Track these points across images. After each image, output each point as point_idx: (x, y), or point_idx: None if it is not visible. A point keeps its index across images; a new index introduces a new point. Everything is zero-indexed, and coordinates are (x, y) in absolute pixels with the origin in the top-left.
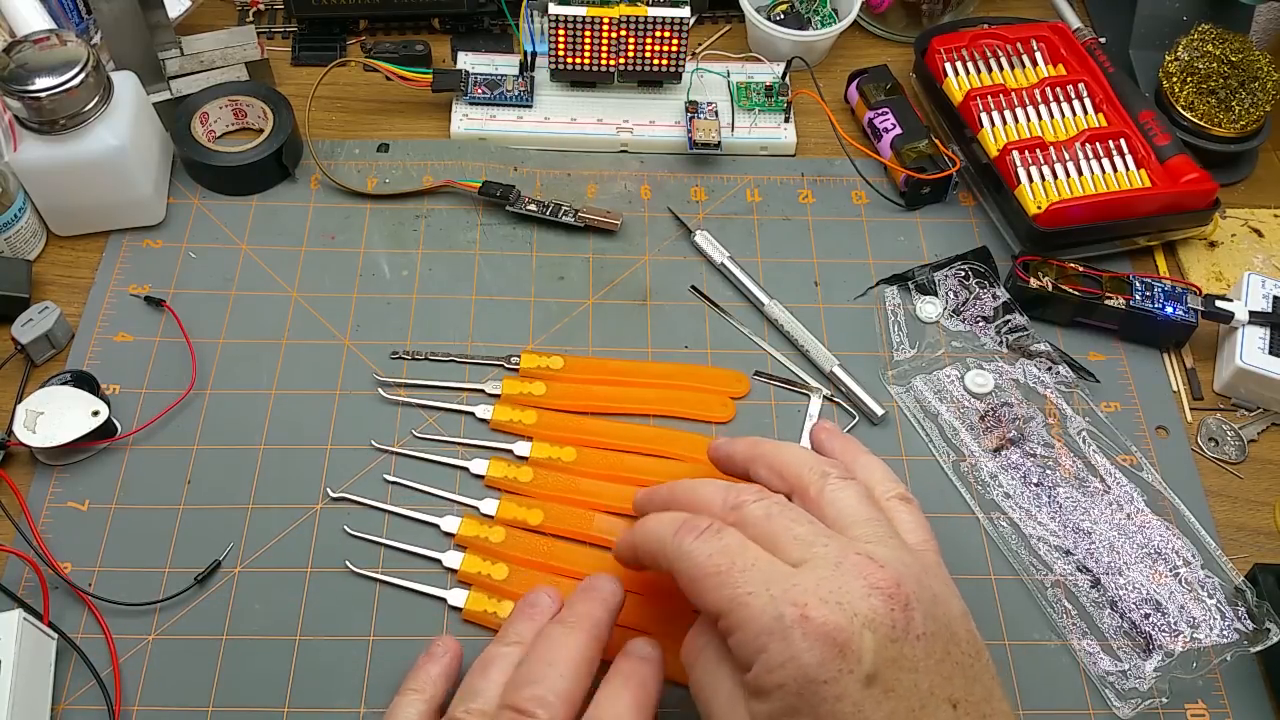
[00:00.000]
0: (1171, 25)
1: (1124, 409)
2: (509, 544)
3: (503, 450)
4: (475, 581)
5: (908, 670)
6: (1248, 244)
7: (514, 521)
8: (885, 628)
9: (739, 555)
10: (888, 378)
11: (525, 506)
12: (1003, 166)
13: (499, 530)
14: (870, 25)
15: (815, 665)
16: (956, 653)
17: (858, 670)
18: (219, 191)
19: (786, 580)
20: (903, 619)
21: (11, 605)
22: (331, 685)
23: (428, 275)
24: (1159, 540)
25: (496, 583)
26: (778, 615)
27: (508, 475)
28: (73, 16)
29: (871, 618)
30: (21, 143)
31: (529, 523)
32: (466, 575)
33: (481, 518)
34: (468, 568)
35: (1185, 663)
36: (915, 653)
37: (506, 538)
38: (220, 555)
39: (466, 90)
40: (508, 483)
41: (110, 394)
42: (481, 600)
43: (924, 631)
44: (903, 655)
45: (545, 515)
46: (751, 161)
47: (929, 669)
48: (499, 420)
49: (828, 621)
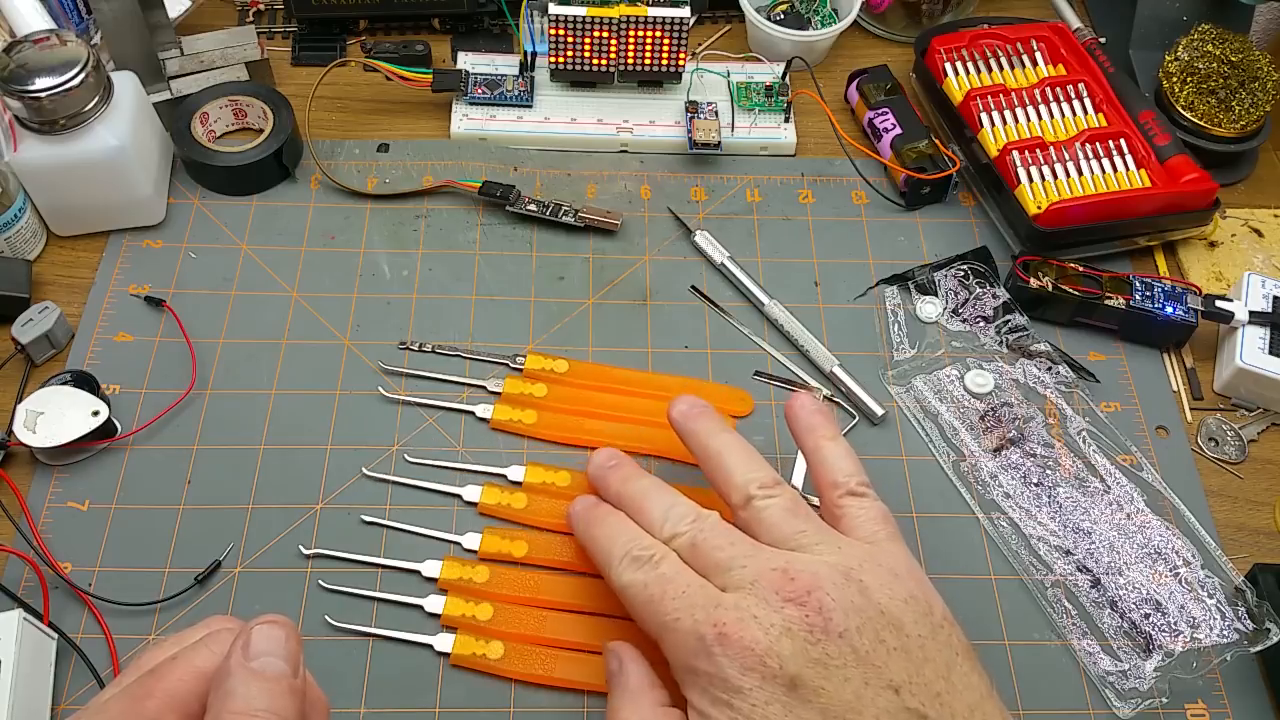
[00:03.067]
0: (1171, 25)
1: (1124, 409)
2: (493, 583)
3: (496, 475)
4: (460, 624)
5: (835, 667)
6: (1248, 244)
7: (498, 555)
8: (802, 634)
9: (670, 584)
10: (888, 378)
11: (509, 539)
12: (1003, 166)
13: (482, 570)
14: (870, 25)
15: (738, 676)
16: (894, 639)
17: (780, 675)
18: (219, 191)
19: (711, 604)
20: (820, 622)
21: (11, 605)
22: (331, 685)
23: (428, 275)
24: (1159, 540)
25: (482, 624)
26: (700, 636)
27: (501, 501)
28: (73, 16)
29: (787, 627)
30: (21, 143)
31: (513, 555)
32: (450, 619)
33: (464, 555)
34: (451, 611)
35: (1185, 663)
36: (840, 650)
37: (490, 577)
38: (220, 555)
39: (466, 90)
40: (501, 509)
41: (110, 394)
42: (469, 644)
43: (845, 628)
44: (826, 655)
45: (530, 546)
46: (751, 161)
47: (858, 661)
48: (499, 420)
49: (744, 636)
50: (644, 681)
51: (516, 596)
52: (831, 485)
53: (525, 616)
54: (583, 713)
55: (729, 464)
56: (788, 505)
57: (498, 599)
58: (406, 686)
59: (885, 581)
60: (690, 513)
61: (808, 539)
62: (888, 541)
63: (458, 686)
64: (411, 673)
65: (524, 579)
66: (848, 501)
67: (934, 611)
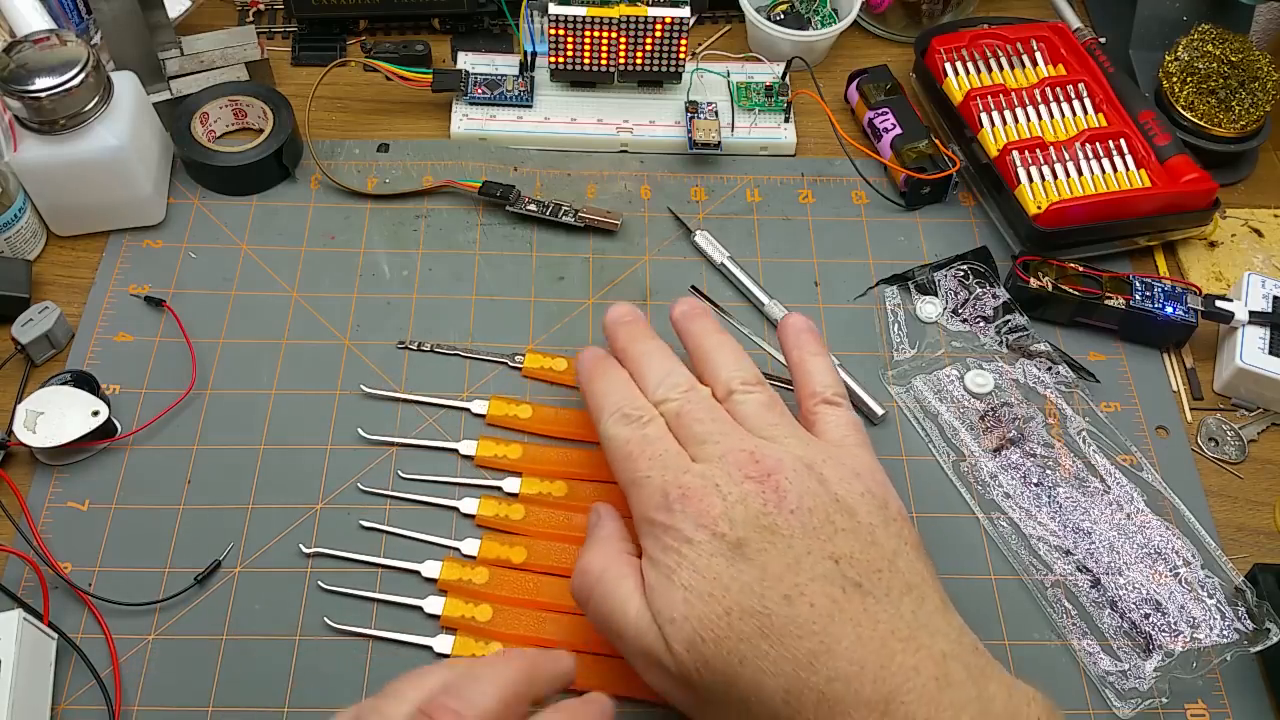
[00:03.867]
0: (1171, 25)
1: (1124, 409)
2: (492, 584)
3: (492, 487)
4: (460, 626)
5: (781, 536)
6: (1248, 244)
7: (497, 560)
8: (756, 505)
9: (650, 444)
10: (888, 378)
11: (508, 545)
12: (1003, 166)
13: (482, 571)
14: (870, 25)
15: (691, 530)
16: (844, 521)
17: (729, 536)
18: (219, 191)
19: (679, 468)
20: (774, 498)
21: (11, 605)
22: (331, 685)
23: (428, 275)
24: (1159, 540)
25: (481, 625)
26: (665, 493)
27: (499, 514)
28: (73, 16)
29: (742, 498)
30: (21, 143)
31: (512, 561)
32: (450, 620)
33: (463, 559)
34: (450, 612)
35: (1185, 663)
36: (789, 523)
37: (490, 578)
38: (220, 555)
39: (466, 90)
40: (499, 521)
41: (110, 394)
42: (469, 645)
43: (798, 507)
44: (775, 525)
45: (529, 553)
46: (751, 161)
47: (805, 534)
48: (483, 456)
49: (704, 499)
50: (615, 532)
51: (516, 598)
52: (810, 394)
53: (524, 618)
54: None
55: (718, 360)
56: (764, 400)
57: (497, 600)
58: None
59: (844, 477)
60: (684, 383)
61: (779, 431)
62: (855, 446)
63: None
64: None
65: (523, 581)
66: (822, 408)
67: (888, 506)
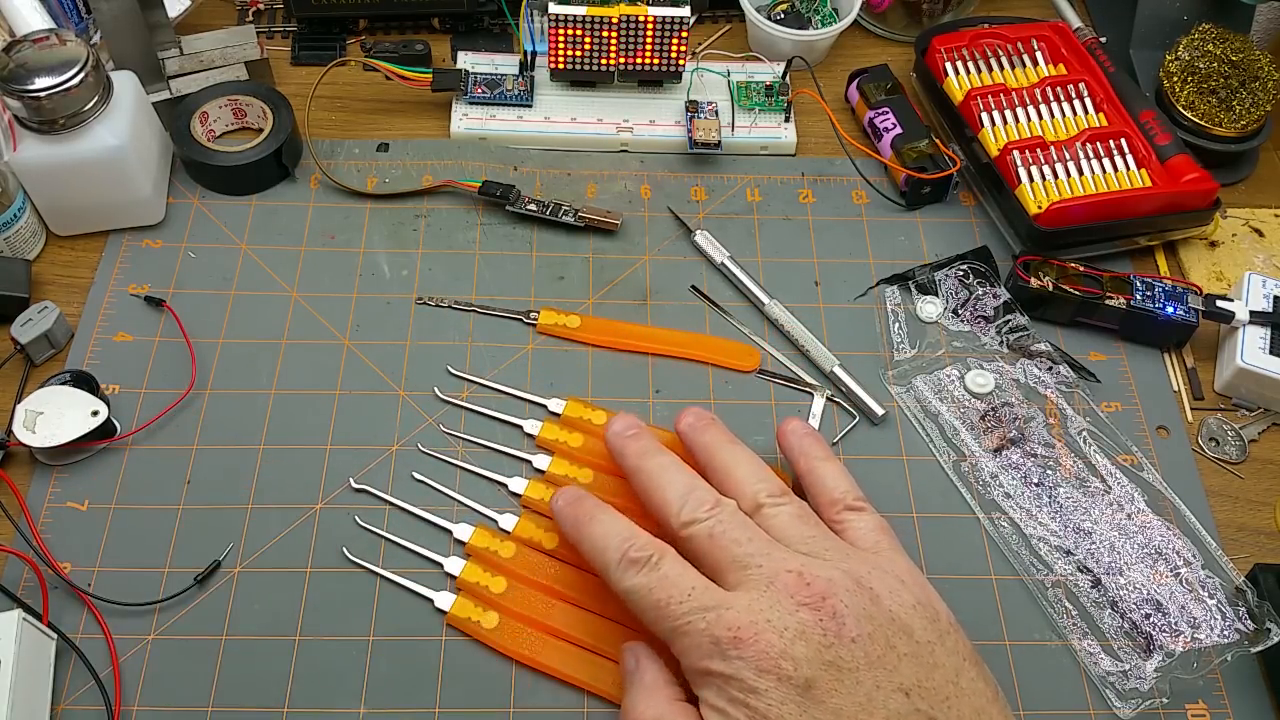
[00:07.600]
0: (1172, 25)
1: (1125, 409)
2: (516, 560)
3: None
4: (469, 590)
5: (848, 671)
6: (1248, 244)
7: (528, 541)
8: (816, 638)
9: (674, 586)
10: (888, 378)
11: (543, 529)
12: (1003, 166)
13: (509, 545)
14: (870, 25)
15: (754, 678)
16: (904, 644)
17: (795, 678)
18: (219, 191)
19: (720, 605)
20: (834, 627)
21: (11, 605)
22: (331, 685)
23: (428, 275)
24: (1159, 540)
25: (491, 595)
26: (714, 639)
27: (544, 497)
28: (72, 16)
29: (801, 630)
30: (21, 143)
31: (544, 545)
32: (464, 583)
33: (497, 531)
34: (467, 576)
35: (1186, 663)
36: (853, 655)
37: (516, 554)
38: (220, 555)
39: (466, 90)
40: (542, 504)
41: (110, 394)
42: (468, 608)
43: (858, 634)
44: (839, 659)
45: (561, 540)
46: (751, 161)
47: (870, 665)
48: (545, 439)
49: (760, 640)
50: (660, 678)
51: (534, 580)
52: (830, 502)
53: (535, 600)
54: (583, 713)
55: (739, 474)
56: (797, 513)
57: (516, 577)
58: (406, 686)
59: (893, 588)
60: (709, 498)
61: (818, 545)
62: (890, 551)
63: (457, 686)
64: (411, 672)
65: (547, 566)
66: (847, 515)
67: (940, 618)
